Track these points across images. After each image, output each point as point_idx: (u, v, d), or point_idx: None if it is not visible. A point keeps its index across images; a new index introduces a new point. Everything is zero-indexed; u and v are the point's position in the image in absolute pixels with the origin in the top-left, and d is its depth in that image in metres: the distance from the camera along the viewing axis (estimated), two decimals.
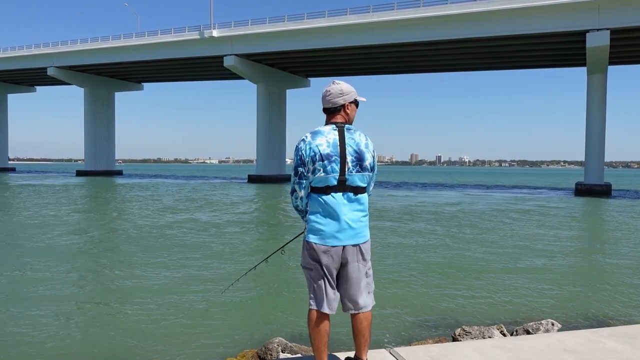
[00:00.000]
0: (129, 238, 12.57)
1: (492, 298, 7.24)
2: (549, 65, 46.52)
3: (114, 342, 5.31)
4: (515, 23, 33.96)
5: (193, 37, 45.91)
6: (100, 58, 51.86)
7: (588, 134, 35.94)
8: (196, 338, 5.45)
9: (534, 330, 5.12)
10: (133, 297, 7.03)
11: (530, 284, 8.11)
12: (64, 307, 6.52)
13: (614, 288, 7.87)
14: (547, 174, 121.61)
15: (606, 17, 31.50)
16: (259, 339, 5.33)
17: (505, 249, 11.48)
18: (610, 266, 9.79)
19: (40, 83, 70.59)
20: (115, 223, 15.81)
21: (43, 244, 11.35)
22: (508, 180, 69.18)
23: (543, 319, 5.51)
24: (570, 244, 12.54)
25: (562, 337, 3.80)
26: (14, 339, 5.34)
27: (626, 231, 15.05)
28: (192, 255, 10.32)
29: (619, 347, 3.51)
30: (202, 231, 13.99)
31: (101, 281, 8.10)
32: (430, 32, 36.73)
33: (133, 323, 5.91)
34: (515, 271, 9.09)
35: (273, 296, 7.43)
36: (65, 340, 5.33)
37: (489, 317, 6.28)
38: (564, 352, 3.43)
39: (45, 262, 9.29)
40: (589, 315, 6.45)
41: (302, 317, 6.28)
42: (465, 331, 5.09)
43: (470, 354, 3.41)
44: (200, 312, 6.38)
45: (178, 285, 7.78)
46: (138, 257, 10.00)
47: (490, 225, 16.09)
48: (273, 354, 4.51)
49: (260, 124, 49.91)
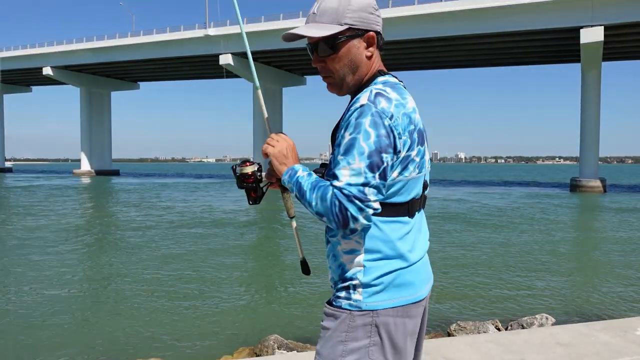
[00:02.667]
0: (128, 237, 12.57)
1: (487, 293, 7.29)
2: (543, 61, 46.67)
3: (112, 340, 5.33)
4: (508, 20, 34.02)
5: (188, 35, 45.83)
6: (95, 57, 51.70)
7: (582, 130, 36.10)
8: (192, 336, 5.47)
9: (529, 324, 5.16)
10: (130, 297, 7.05)
11: (526, 279, 8.16)
12: (63, 307, 6.54)
13: (608, 282, 7.94)
14: (543, 170, 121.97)
15: (600, 14, 31.59)
16: (255, 336, 5.35)
17: (500, 245, 11.54)
18: (604, 261, 9.85)
19: (36, 83, 70.32)
20: (113, 222, 15.80)
21: (42, 245, 11.34)
22: (503, 175, 69.34)
23: (538, 313, 5.55)
24: (564, 239, 12.61)
25: (556, 331, 3.84)
26: (14, 339, 5.36)
27: (620, 226, 15.13)
28: (191, 254, 10.33)
29: (611, 340, 3.56)
30: (201, 231, 14.00)
31: (99, 280, 8.11)
32: (421, 29, 36.75)
33: (130, 322, 5.93)
34: (510, 267, 9.14)
35: (269, 294, 7.46)
36: (64, 340, 5.34)
37: (484, 313, 6.33)
38: (557, 345, 3.47)
39: (44, 262, 9.30)
40: (584, 309, 6.51)
41: (297, 314, 6.32)
42: (460, 326, 5.13)
43: (464, 348, 3.45)
44: (196, 310, 6.40)
45: (175, 283, 7.80)
46: (132, 258, 10.01)
47: (483, 221, 16.14)
48: (269, 351, 4.54)
49: (256, 122, 49.90)
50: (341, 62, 1.42)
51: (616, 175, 74.15)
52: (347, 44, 1.41)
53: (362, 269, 1.41)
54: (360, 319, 1.39)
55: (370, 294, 1.40)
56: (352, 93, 1.47)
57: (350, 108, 1.36)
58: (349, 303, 1.42)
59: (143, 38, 48.35)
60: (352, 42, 1.41)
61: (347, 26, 1.40)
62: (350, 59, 1.42)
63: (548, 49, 39.94)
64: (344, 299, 1.43)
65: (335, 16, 1.40)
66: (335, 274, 1.47)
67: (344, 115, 1.40)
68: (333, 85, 1.48)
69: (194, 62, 50.66)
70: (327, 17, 1.40)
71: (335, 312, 1.43)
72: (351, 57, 1.42)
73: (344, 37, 1.40)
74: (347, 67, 1.43)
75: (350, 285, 1.42)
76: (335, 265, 1.46)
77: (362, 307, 1.40)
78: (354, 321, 1.40)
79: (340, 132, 1.36)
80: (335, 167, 1.32)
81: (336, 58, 1.42)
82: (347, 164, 1.29)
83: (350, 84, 1.45)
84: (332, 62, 1.43)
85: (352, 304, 1.41)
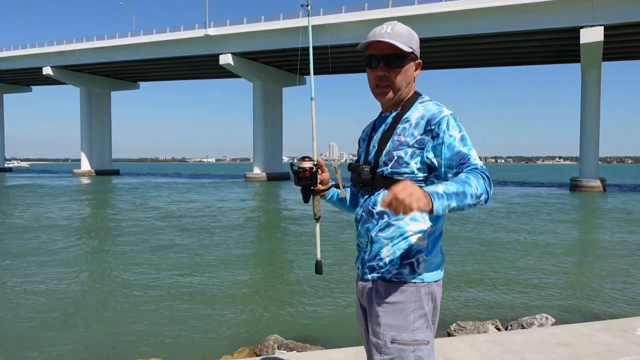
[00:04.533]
0: (127, 237, 12.57)
1: (487, 293, 7.29)
2: (543, 61, 46.65)
3: (112, 340, 5.33)
4: (508, 20, 34.02)
5: (188, 35, 45.81)
6: (95, 57, 51.68)
7: (582, 130, 36.09)
8: (192, 335, 5.47)
9: (529, 324, 5.16)
10: (130, 296, 7.05)
11: (526, 279, 8.16)
12: (63, 307, 6.53)
13: (608, 282, 7.93)
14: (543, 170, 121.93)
15: (600, 14, 31.60)
16: (255, 336, 5.35)
17: (499, 245, 11.53)
18: (604, 261, 9.85)
19: (36, 83, 70.29)
20: (112, 222, 15.80)
21: (41, 245, 11.34)
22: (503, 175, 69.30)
23: (538, 313, 5.55)
24: (564, 239, 12.60)
25: (555, 331, 3.84)
26: (14, 339, 5.36)
27: (620, 226, 15.13)
28: (191, 254, 10.33)
29: (611, 340, 3.55)
30: (201, 231, 14.00)
31: (99, 281, 8.11)
32: (421, 29, 36.74)
33: (129, 321, 5.93)
34: (511, 266, 9.14)
35: (269, 294, 7.46)
36: (65, 340, 5.34)
37: (484, 313, 6.33)
38: (557, 345, 3.46)
39: (44, 262, 9.29)
40: (584, 309, 6.50)
41: (297, 314, 6.32)
42: (460, 326, 5.13)
43: (464, 348, 3.44)
44: (196, 310, 6.39)
45: (174, 283, 7.80)
46: (133, 258, 10.01)
47: (483, 221, 16.14)
48: (269, 351, 4.53)
49: (256, 122, 49.87)
50: (401, 75, 1.74)
51: (616, 175, 74.13)
52: (409, 63, 1.76)
53: (425, 247, 1.71)
54: (424, 288, 1.71)
55: (429, 269, 1.72)
56: (394, 104, 1.80)
57: (432, 116, 1.69)
58: (414, 277, 1.70)
59: (143, 38, 48.34)
60: (411, 63, 1.77)
61: (412, 50, 1.74)
62: (407, 75, 1.76)
63: (548, 49, 39.94)
64: (409, 274, 1.70)
65: (406, 40, 1.73)
66: (399, 252, 1.71)
67: (397, 122, 1.77)
68: (386, 95, 1.76)
69: (194, 62, 50.65)
70: (402, 39, 1.72)
71: (402, 286, 1.70)
72: (408, 74, 1.77)
73: (409, 57, 1.75)
74: (404, 81, 1.75)
75: (414, 262, 1.70)
76: (402, 245, 1.71)
77: (424, 280, 1.71)
78: (420, 292, 1.70)
79: (439, 128, 1.66)
80: (467, 154, 1.61)
81: (400, 72, 1.74)
82: (473, 150, 1.64)
83: (402, 95, 1.78)
84: (395, 74, 1.74)
85: (416, 277, 1.70)
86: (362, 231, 1.81)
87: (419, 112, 1.73)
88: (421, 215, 1.71)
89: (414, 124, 1.71)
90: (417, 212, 1.41)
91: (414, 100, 1.79)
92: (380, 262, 1.73)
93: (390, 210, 1.39)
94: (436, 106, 1.72)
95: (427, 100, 1.78)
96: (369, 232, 1.76)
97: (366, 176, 1.77)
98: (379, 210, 1.75)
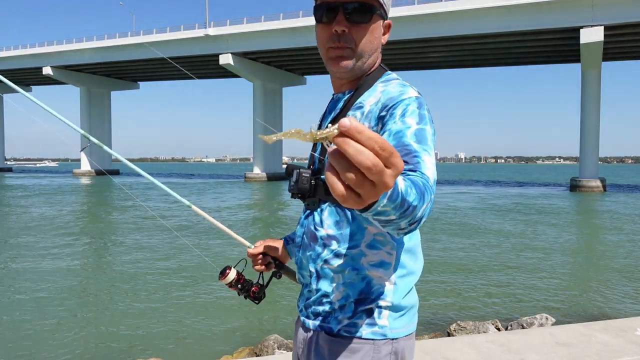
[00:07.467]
0: (127, 237, 12.57)
1: (487, 294, 7.29)
2: (543, 61, 46.62)
3: (112, 341, 5.33)
4: (509, 20, 34.01)
5: (188, 35, 45.81)
6: (95, 57, 51.68)
7: (582, 130, 36.09)
8: (192, 335, 5.47)
9: (528, 324, 5.17)
10: (130, 297, 7.05)
11: (526, 279, 8.16)
12: (63, 306, 6.54)
13: (608, 282, 7.93)
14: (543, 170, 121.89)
15: (600, 14, 31.60)
16: (255, 337, 5.35)
17: (500, 245, 11.53)
18: (604, 261, 9.85)
19: (36, 83, 70.27)
20: (112, 222, 15.80)
21: (41, 245, 11.34)
22: (503, 175, 69.31)
23: (538, 313, 5.55)
24: (564, 239, 12.60)
25: (555, 331, 3.84)
26: (14, 340, 5.36)
27: (619, 226, 15.13)
28: (190, 254, 10.33)
29: (611, 340, 3.56)
30: (201, 231, 14.00)
31: (99, 281, 8.11)
32: (421, 29, 36.75)
33: (129, 321, 5.93)
34: (510, 267, 9.14)
35: (269, 294, 7.45)
36: (65, 341, 5.34)
37: (485, 313, 6.33)
38: (556, 345, 3.47)
39: (44, 262, 9.30)
40: (584, 309, 6.51)
41: None
42: (460, 326, 5.13)
43: (464, 348, 3.45)
44: (196, 310, 6.40)
45: (174, 283, 7.81)
46: (133, 257, 10.01)
47: (483, 222, 16.14)
48: (269, 351, 4.54)
49: (256, 122, 49.85)
50: (367, 37, 1.22)
51: (616, 175, 74.13)
52: (378, 21, 1.24)
53: (392, 287, 1.20)
54: (386, 347, 1.19)
55: (395, 318, 1.21)
56: (350, 81, 1.29)
57: (389, 100, 1.16)
58: (373, 331, 1.19)
59: (143, 38, 48.33)
60: (379, 22, 1.24)
61: (382, 3, 1.22)
62: (374, 37, 1.23)
63: (548, 49, 39.92)
64: (366, 326, 1.19)
65: None
66: (352, 293, 1.20)
67: (347, 108, 1.24)
68: (343, 60, 1.22)
69: (194, 62, 50.65)
70: None
71: (356, 345, 1.18)
72: (375, 36, 1.24)
73: (378, 12, 1.22)
74: (369, 45, 1.23)
75: (374, 308, 1.19)
76: (354, 282, 1.20)
77: (387, 335, 1.20)
78: (379, 352, 1.19)
79: (391, 114, 1.12)
80: (416, 154, 1.01)
81: (367, 30, 1.21)
82: (429, 154, 1.03)
83: (363, 66, 1.25)
84: (360, 32, 1.20)
85: (376, 331, 1.19)
86: (304, 261, 1.30)
87: (376, 96, 1.21)
88: (384, 238, 1.17)
89: (367, 111, 1.20)
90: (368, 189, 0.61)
91: (375, 78, 1.27)
92: (328, 306, 1.23)
93: (327, 174, 0.62)
94: (399, 87, 1.20)
95: (392, 79, 1.26)
96: (313, 263, 1.26)
97: (304, 184, 1.25)
98: (325, 233, 1.23)
